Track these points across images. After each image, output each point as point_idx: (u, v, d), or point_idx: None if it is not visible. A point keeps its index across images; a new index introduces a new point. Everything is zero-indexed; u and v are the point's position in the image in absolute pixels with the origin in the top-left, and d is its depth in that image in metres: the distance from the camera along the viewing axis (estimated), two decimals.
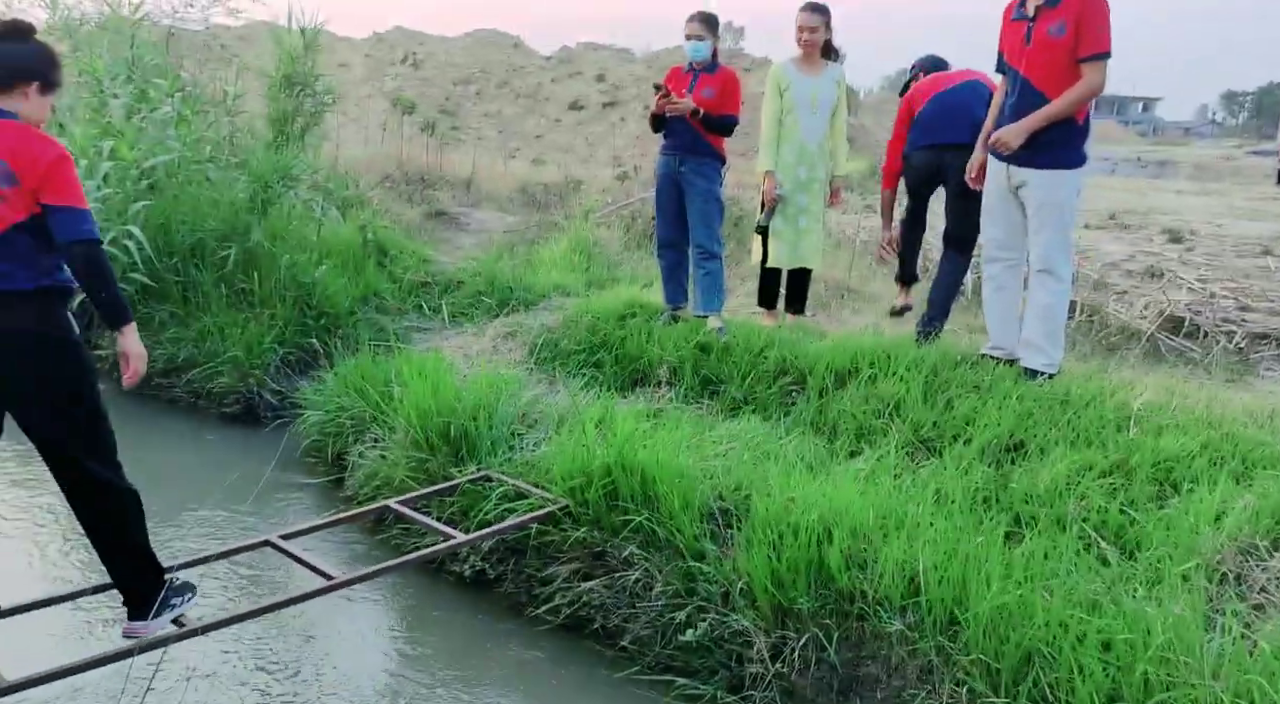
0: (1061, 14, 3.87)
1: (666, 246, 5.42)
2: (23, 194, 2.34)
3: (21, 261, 2.36)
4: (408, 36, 43.31)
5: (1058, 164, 4.00)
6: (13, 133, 2.36)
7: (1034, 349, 4.18)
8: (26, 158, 2.34)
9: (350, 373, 4.69)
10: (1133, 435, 3.54)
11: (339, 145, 13.08)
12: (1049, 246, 4.07)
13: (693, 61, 5.13)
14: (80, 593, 2.91)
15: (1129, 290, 6.89)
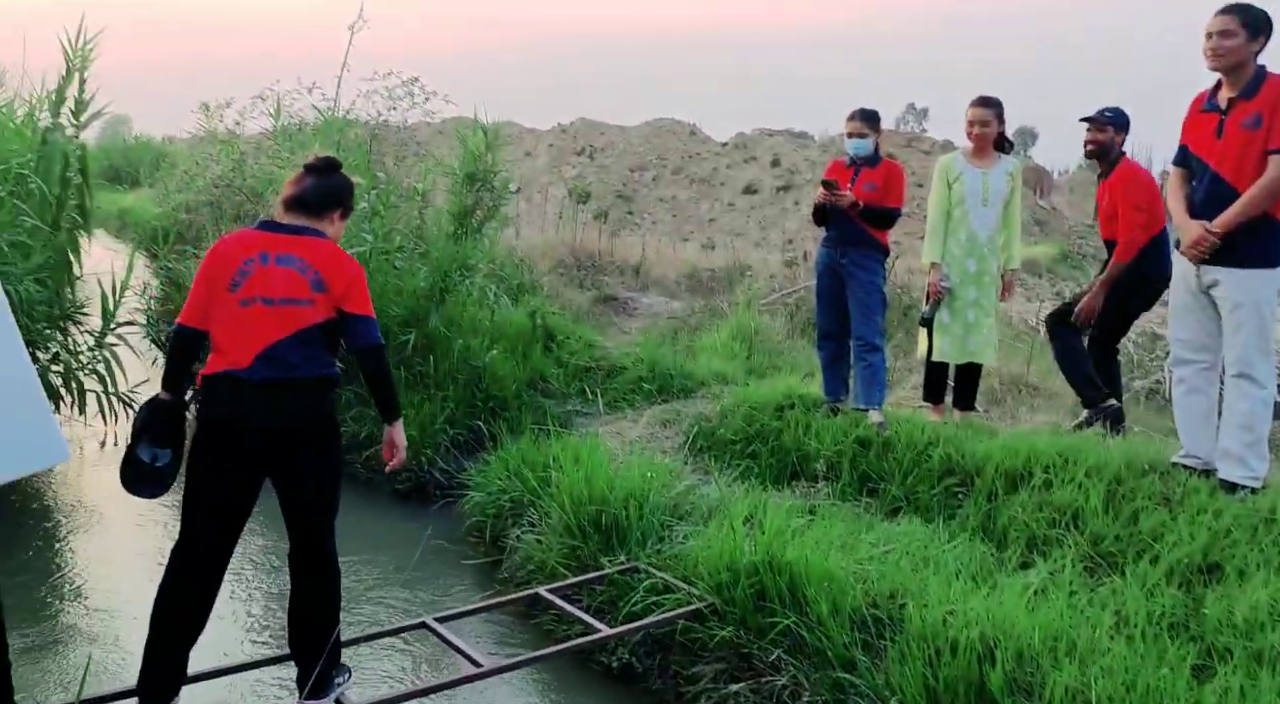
0: (1258, 106, 3.65)
1: (827, 338, 5.36)
2: (328, 300, 2.73)
3: (315, 355, 2.72)
4: (589, 126, 45.59)
5: (1254, 262, 3.71)
6: (325, 250, 2.79)
7: (1233, 460, 3.81)
8: (336, 271, 2.75)
9: (511, 456, 4.85)
10: None
11: (518, 232, 13.83)
12: (1246, 349, 3.74)
13: (854, 156, 5.14)
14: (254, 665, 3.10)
15: None
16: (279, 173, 7.65)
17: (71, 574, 4.38)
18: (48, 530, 4.88)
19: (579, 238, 12.71)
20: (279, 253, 2.73)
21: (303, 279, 2.71)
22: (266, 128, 9.16)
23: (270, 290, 2.68)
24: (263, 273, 2.70)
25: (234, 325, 2.68)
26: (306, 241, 2.77)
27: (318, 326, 2.72)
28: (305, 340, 2.69)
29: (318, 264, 2.73)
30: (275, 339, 2.66)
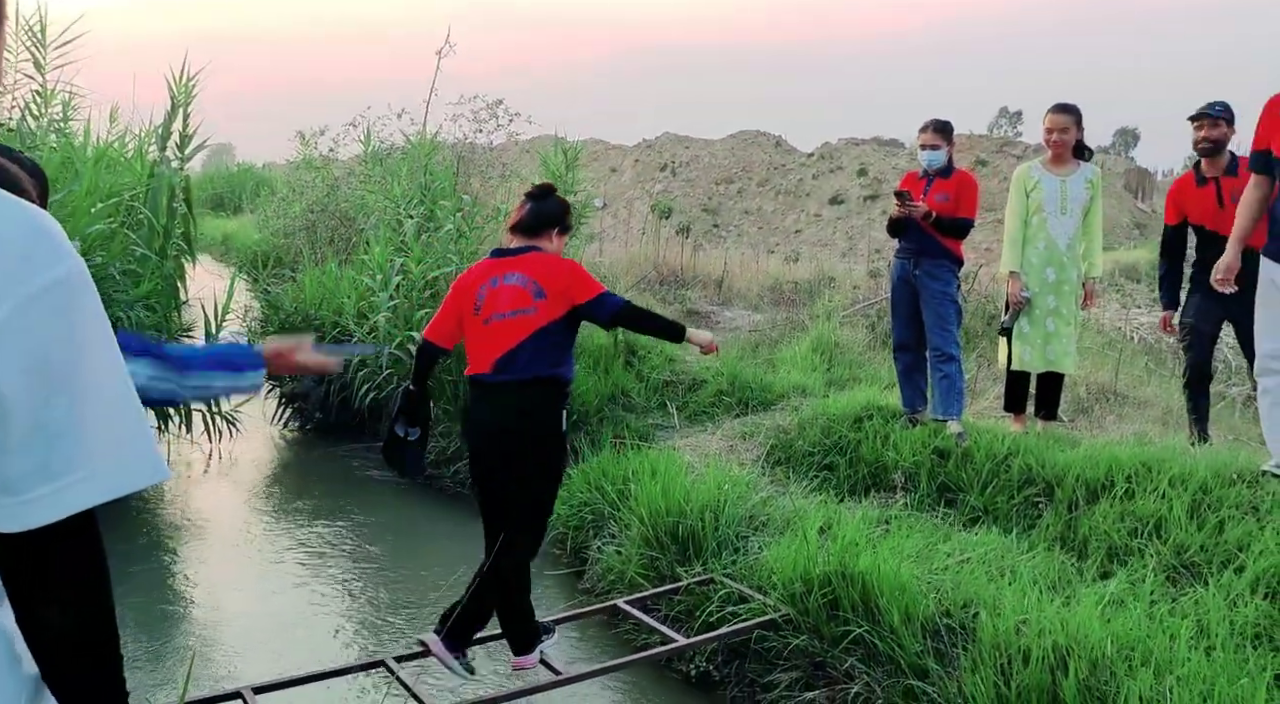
0: None
1: (902, 349, 5.36)
2: (551, 303, 3.13)
3: (543, 355, 3.12)
4: (675, 141, 45.89)
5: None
6: (539, 260, 3.20)
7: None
8: (550, 275, 3.16)
9: (592, 469, 5.00)
10: None
11: (601, 248, 14.08)
12: None
13: (927, 168, 5.14)
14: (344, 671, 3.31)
15: None
16: (369, 197, 8.05)
17: (178, 587, 4.70)
18: (157, 545, 5.23)
19: (662, 253, 12.88)
20: (505, 273, 3.19)
21: (525, 291, 3.14)
22: (358, 153, 9.62)
23: (501, 307, 3.14)
24: (493, 294, 3.16)
25: (480, 341, 3.17)
26: (526, 259, 3.20)
27: (543, 329, 3.11)
28: (534, 344, 3.10)
29: (534, 274, 3.15)
30: (509, 347, 3.10)
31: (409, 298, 6.19)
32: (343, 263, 7.51)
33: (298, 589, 4.59)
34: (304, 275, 7.50)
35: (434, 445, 5.95)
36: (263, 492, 6.09)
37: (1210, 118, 4.75)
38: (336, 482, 6.20)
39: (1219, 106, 4.77)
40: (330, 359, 2.11)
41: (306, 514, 5.61)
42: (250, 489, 6.08)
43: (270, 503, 5.91)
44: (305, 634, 4.13)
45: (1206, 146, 4.77)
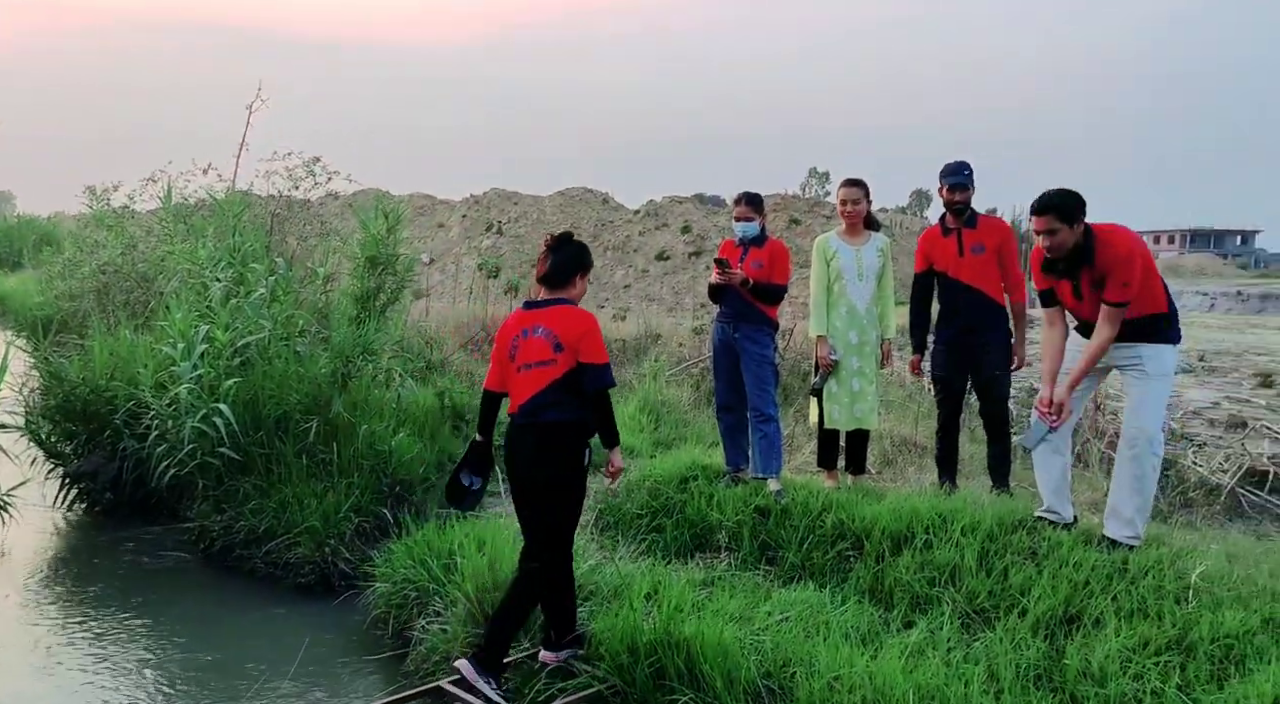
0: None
1: (725, 410, 5.58)
2: (568, 356, 3.51)
3: (561, 402, 3.53)
4: (503, 197, 45.90)
5: (1160, 338, 4.12)
6: (561, 314, 3.58)
7: (1122, 520, 4.12)
8: (568, 331, 3.54)
9: (416, 543, 4.86)
10: (1191, 609, 3.41)
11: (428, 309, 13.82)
12: (1146, 418, 4.09)
13: (742, 238, 5.42)
14: None
15: (1209, 442, 6.65)
16: (171, 258, 7.57)
17: None
18: None
19: (491, 312, 12.80)
20: (533, 325, 3.59)
21: (546, 343, 3.54)
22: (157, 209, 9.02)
23: (529, 357, 3.57)
24: (524, 344, 3.59)
25: (514, 385, 3.63)
26: (550, 312, 3.60)
27: (562, 379, 3.52)
28: (552, 392, 3.52)
29: (555, 328, 3.54)
30: (532, 393, 3.55)
31: (215, 367, 5.85)
32: (139, 329, 7.02)
33: (84, 689, 4.18)
34: (94, 342, 6.93)
35: (245, 525, 5.62)
36: (42, 582, 5.51)
37: (959, 183, 5.23)
38: (130, 568, 5.71)
39: (965, 170, 5.28)
40: None
41: (94, 605, 5.13)
42: (27, 581, 5.48)
43: (52, 594, 5.34)
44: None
45: (958, 206, 5.26)
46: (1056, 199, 4.05)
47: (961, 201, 5.23)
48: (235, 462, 5.77)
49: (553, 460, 3.57)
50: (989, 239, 5.20)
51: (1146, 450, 4.07)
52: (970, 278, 5.15)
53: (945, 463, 5.44)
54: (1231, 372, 10.62)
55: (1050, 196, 4.06)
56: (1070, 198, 4.06)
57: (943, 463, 5.46)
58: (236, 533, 5.63)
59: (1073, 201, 4.05)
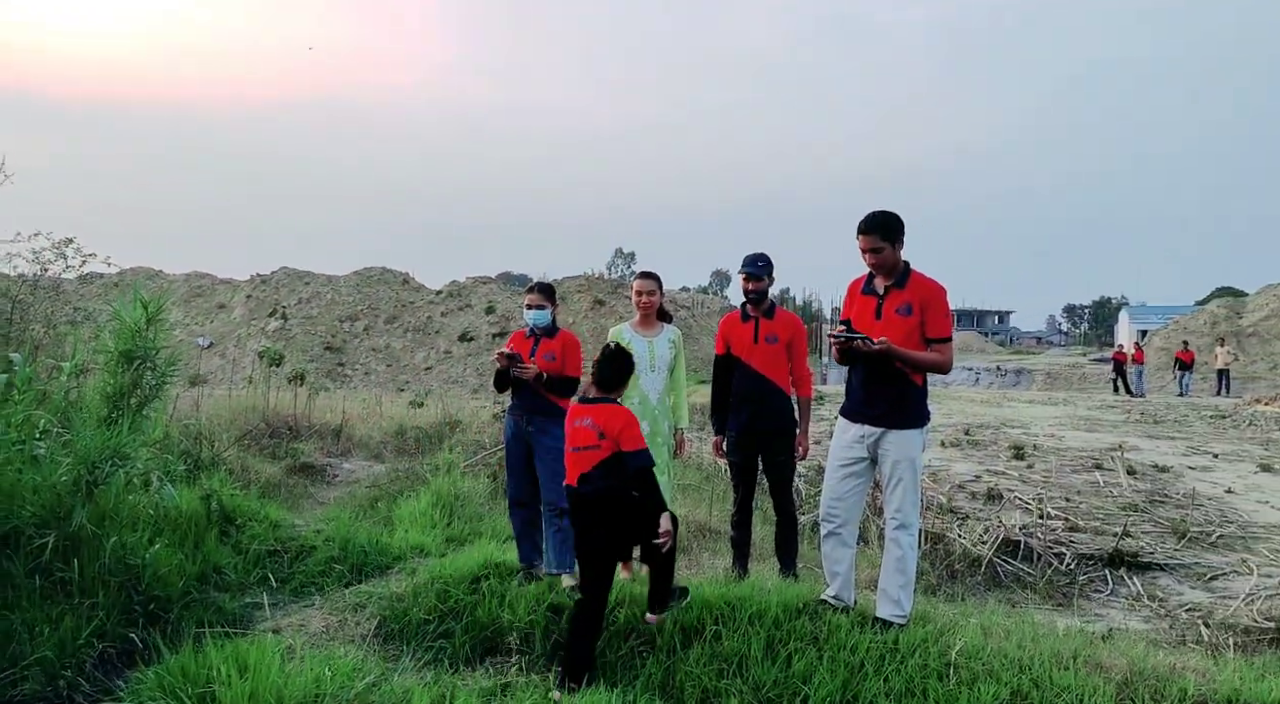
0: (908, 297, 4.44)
1: (518, 505, 5.45)
2: (609, 443, 4.35)
3: (609, 475, 4.35)
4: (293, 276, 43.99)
5: (909, 424, 4.37)
6: (606, 411, 4.43)
7: (889, 601, 4.31)
8: (609, 425, 4.38)
9: (170, 671, 4.35)
10: (952, 686, 3.58)
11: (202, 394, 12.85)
12: (904, 501, 4.33)
13: (534, 327, 5.39)
14: None
15: (971, 514, 7.18)
16: None
17: None
18: None
19: (272, 401, 12.07)
20: (583, 417, 4.46)
21: (592, 433, 4.39)
22: None
23: (578, 441, 4.45)
24: (573, 431, 4.48)
25: (570, 462, 4.49)
26: (597, 408, 4.45)
27: (604, 461, 4.36)
28: (601, 469, 4.37)
29: (599, 421, 4.40)
30: (582, 471, 4.40)
31: None
32: None
33: None
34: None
35: None
36: None
37: (754, 274, 5.49)
38: None
39: (761, 261, 5.55)
40: None
41: None
42: None
43: None
44: None
45: (753, 296, 5.51)
46: (880, 217, 4.34)
47: (756, 291, 5.46)
48: None
49: (612, 515, 4.40)
50: (783, 332, 5.45)
51: (904, 533, 4.33)
52: (761, 366, 5.36)
53: (739, 545, 5.55)
54: (990, 444, 11.60)
55: (875, 215, 4.35)
56: (893, 218, 4.36)
57: (737, 545, 5.57)
58: None
59: (896, 221, 4.35)
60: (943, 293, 4.41)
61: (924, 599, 4.93)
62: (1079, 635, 4.40)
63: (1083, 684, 3.61)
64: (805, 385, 5.60)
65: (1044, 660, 3.83)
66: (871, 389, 4.43)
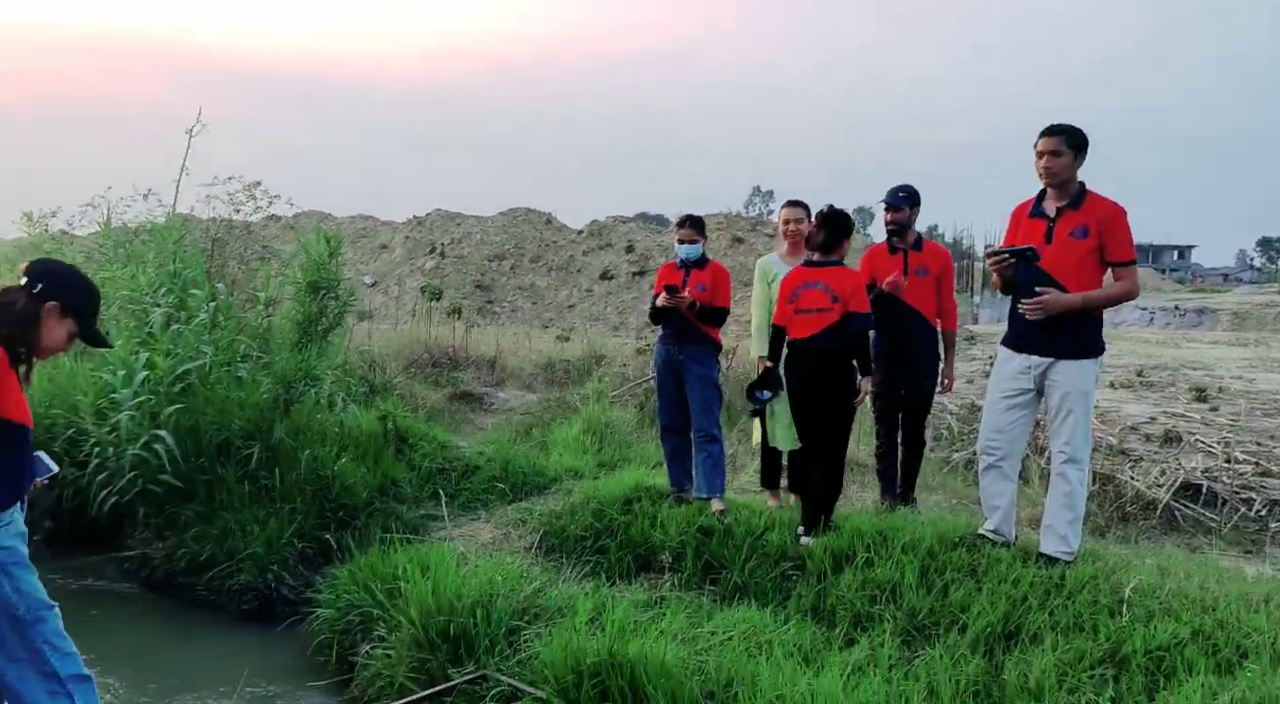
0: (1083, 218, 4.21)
1: (669, 431, 5.62)
2: (839, 306, 4.70)
3: (835, 337, 4.71)
4: (446, 218, 45.62)
5: (1081, 353, 4.20)
6: (837, 273, 4.78)
7: (1056, 537, 4.21)
8: (843, 287, 4.72)
9: (360, 568, 4.81)
10: (1124, 622, 3.54)
11: (371, 329, 13.70)
12: (1074, 435, 4.18)
13: (684, 259, 5.49)
14: None
15: (1145, 457, 6.89)
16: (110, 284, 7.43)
17: None
18: None
19: (433, 334, 12.73)
20: (814, 280, 4.79)
21: (825, 296, 4.73)
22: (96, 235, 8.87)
23: (808, 304, 4.78)
24: (804, 294, 4.78)
25: (794, 324, 4.83)
26: (827, 271, 4.79)
27: (834, 324, 4.70)
28: (829, 332, 4.70)
29: (833, 285, 4.72)
30: (810, 333, 4.75)
31: (156, 394, 5.74)
32: (78, 356, 6.85)
33: None
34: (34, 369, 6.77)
35: (186, 552, 5.51)
36: None
37: (894, 204, 5.41)
38: (70, 597, 5.53)
39: (903, 192, 5.45)
40: None
41: None
42: None
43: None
44: None
45: (894, 227, 5.44)
46: (1069, 126, 4.19)
47: (896, 221, 5.39)
48: (177, 489, 5.67)
49: (835, 374, 4.73)
50: (934, 264, 5.38)
51: (1073, 467, 4.21)
52: (910, 298, 5.30)
53: (887, 477, 5.57)
54: (1168, 386, 10.99)
55: (1062, 123, 4.20)
56: (1080, 131, 4.19)
57: (885, 477, 5.58)
58: (178, 560, 5.52)
59: (1082, 134, 4.18)
60: (1123, 213, 4.17)
61: (1092, 540, 4.82)
62: (1271, 581, 4.21)
63: (1277, 628, 3.46)
64: (951, 319, 5.54)
65: (1230, 602, 3.70)
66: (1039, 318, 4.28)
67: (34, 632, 2.83)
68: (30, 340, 2.86)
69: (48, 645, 2.85)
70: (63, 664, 2.87)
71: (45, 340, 2.91)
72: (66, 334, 2.95)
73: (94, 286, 3.08)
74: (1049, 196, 4.30)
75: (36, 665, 2.83)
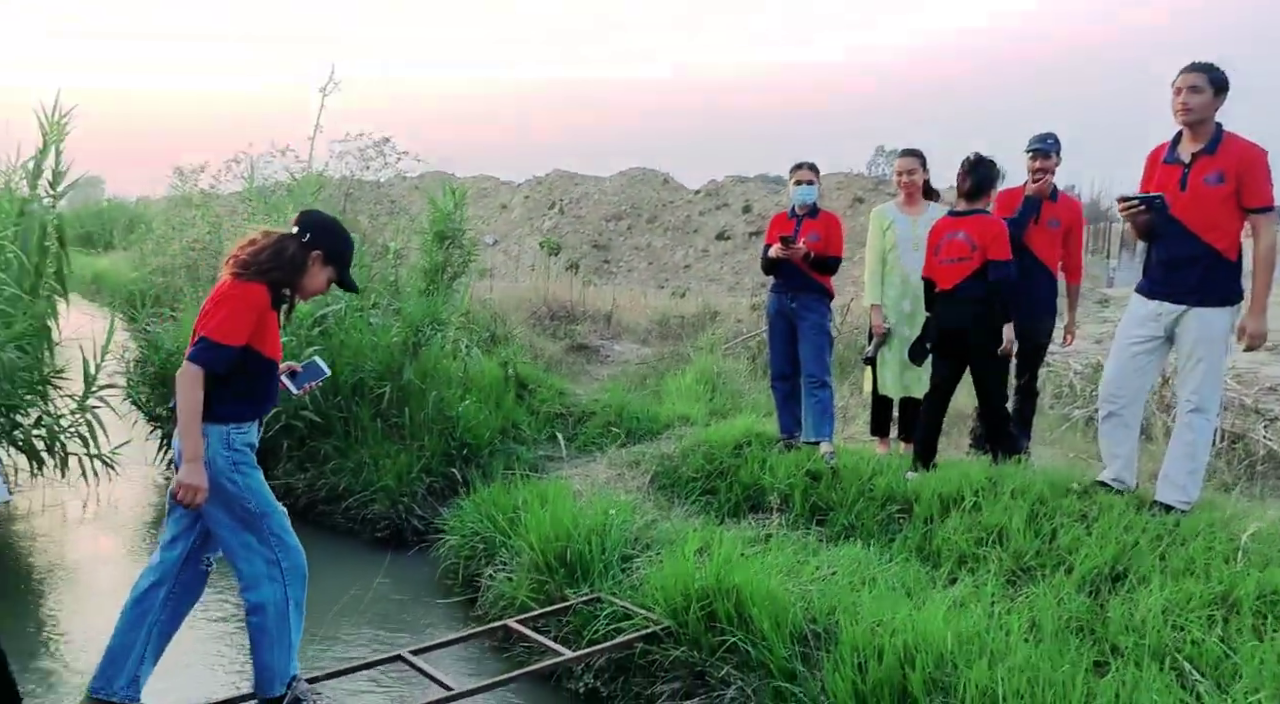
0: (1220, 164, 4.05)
1: (780, 378, 5.71)
2: (978, 255, 4.77)
3: (977, 286, 4.78)
4: (564, 178, 46.23)
5: (1214, 302, 4.08)
6: (978, 222, 4.82)
7: (1174, 486, 4.14)
8: (983, 235, 4.78)
9: (484, 500, 5.13)
10: (1238, 568, 3.47)
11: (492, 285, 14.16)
12: (1202, 384, 4.09)
13: (796, 206, 5.52)
14: None
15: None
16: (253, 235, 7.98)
17: (48, 634, 4.56)
18: (25, 592, 5.04)
19: (551, 289, 13.08)
20: (956, 230, 4.86)
21: (965, 245, 4.80)
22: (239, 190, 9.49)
23: (951, 253, 4.85)
24: (947, 244, 4.87)
25: (939, 274, 4.92)
26: (969, 220, 4.84)
27: (975, 273, 4.77)
28: (969, 281, 4.78)
29: (973, 234, 4.79)
30: (954, 283, 4.84)
31: (296, 336, 6.20)
32: None
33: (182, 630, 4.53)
34: (185, 315, 7.37)
35: (325, 483, 5.97)
36: (144, 534, 5.95)
37: (1042, 150, 5.30)
38: None
39: (1050, 139, 5.33)
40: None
41: None
42: (130, 533, 5.94)
43: (152, 545, 5.77)
44: (188, 674, 4.11)
45: (1039, 176, 5.31)
46: (1210, 63, 4.05)
47: (1041, 170, 5.28)
48: (316, 424, 6.13)
49: (982, 317, 4.78)
50: (1065, 215, 5.27)
51: (1199, 416, 4.10)
52: (1038, 249, 5.21)
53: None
54: None
55: (1205, 61, 4.07)
56: (1222, 71, 4.05)
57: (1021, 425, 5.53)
58: (318, 490, 5.99)
59: (1224, 76, 4.05)
60: (1263, 156, 3.98)
61: (1216, 495, 4.68)
62: None
63: None
64: (1077, 273, 5.45)
65: None
66: (1175, 265, 4.14)
67: (263, 523, 3.18)
68: (297, 284, 3.20)
69: (273, 536, 3.19)
70: (285, 555, 3.22)
71: (309, 285, 3.25)
72: (326, 279, 3.28)
73: (351, 237, 3.39)
74: (1185, 140, 4.16)
75: (263, 552, 3.18)
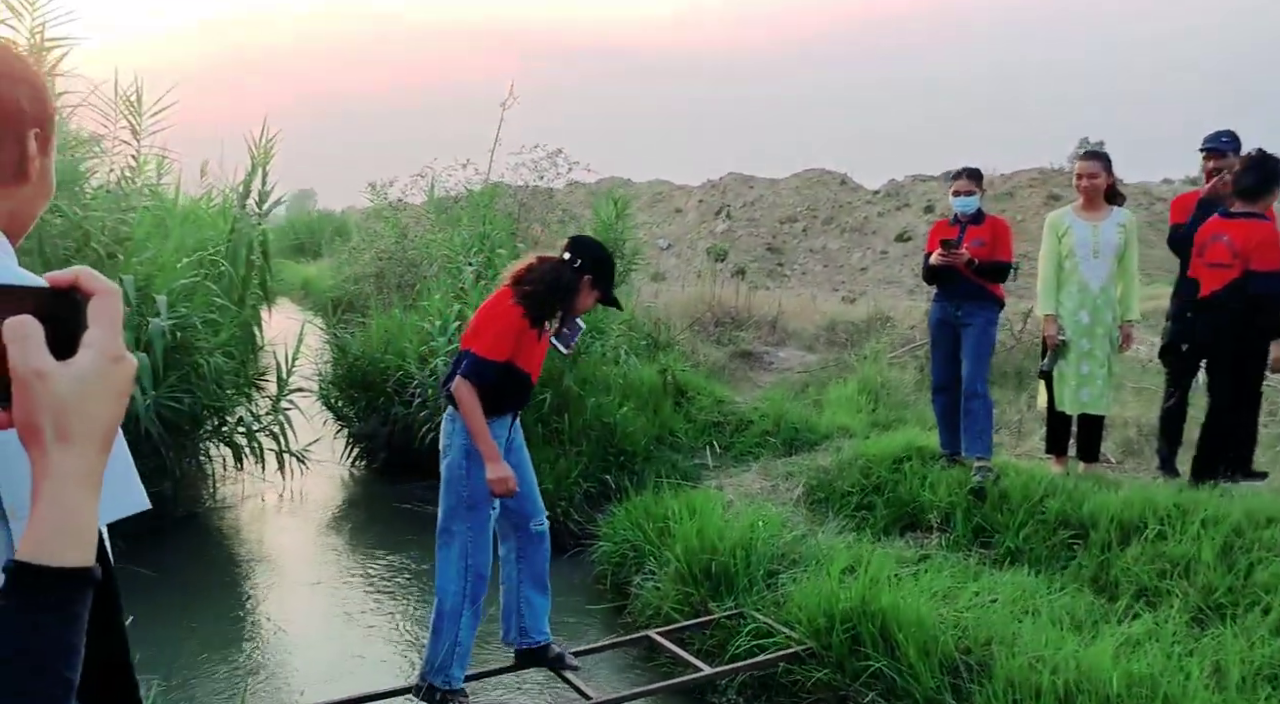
0: None
1: (941, 390, 5.45)
2: (1239, 263, 4.48)
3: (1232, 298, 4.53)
4: (739, 181, 46.11)
5: None
6: (1244, 227, 4.51)
7: None
8: (1246, 242, 4.46)
9: (635, 508, 5.19)
10: None
11: (659, 289, 14.31)
12: None
13: (958, 214, 5.27)
14: None
15: None
16: (433, 245, 8.45)
17: (246, 614, 5.00)
18: (231, 575, 5.55)
19: (717, 294, 13.07)
20: (1221, 233, 4.57)
21: (1227, 251, 4.52)
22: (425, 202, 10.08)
23: (1214, 258, 4.59)
24: (1211, 247, 4.62)
25: (1204, 278, 4.66)
26: (1236, 224, 4.54)
27: (1234, 282, 4.49)
28: (1227, 290, 4.52)
29: (1236, 239, 4.48)
30: (1214, 288, 4.59)
31: None
32: (408, 308, 7.88)
33: (361, 616, 4.86)
34: (372, 320, 7.90)
35: None
36: (331, 527, 6.41)
37: (1216, 149, 5.03)
38: (398, 518, 6.50)
39: (1225, 137, 4.97)
40: None
41: (370, 548, 5.91)
42: (319, 524, 6.42)
43: (337, 538, 6.23)
44: (363, 660, 4.39)
45: (1215, 173, 5.00)
46: None
47: (1218, 169, 4.91)
48: None
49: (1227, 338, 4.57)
50: None
51: None
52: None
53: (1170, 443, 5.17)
54: None
55: None
56: None
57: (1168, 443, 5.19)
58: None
59: None
60: None
61: None
62: None
63: None
64: None
65: None
66: None
67: (470, 515, 3.35)
68: (569, 306, 3.40)
69: (472, 532, 3.35)
70: (475, 556, 3.37)
71: (579, 306, 3.44)
72: (594, 299, 3.47)
73: (613, 259, 3.58)
74: None
75: (461, 542, 3.35)
